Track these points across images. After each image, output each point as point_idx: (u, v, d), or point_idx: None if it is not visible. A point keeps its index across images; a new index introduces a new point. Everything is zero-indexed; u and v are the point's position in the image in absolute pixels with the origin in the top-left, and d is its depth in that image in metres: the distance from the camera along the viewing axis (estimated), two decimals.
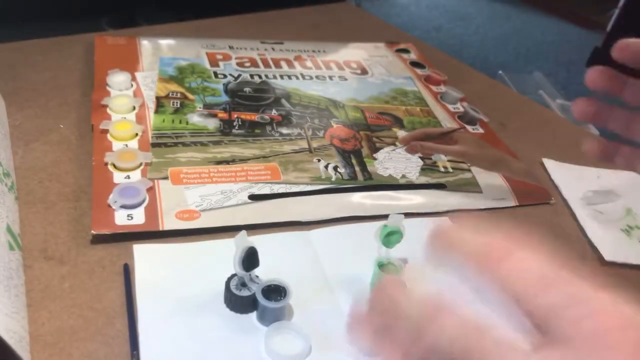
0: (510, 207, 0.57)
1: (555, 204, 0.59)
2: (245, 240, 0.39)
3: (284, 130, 0.63)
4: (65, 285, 0.42)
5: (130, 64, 0.70)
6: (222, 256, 0.42)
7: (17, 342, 0.35)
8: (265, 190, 0.53)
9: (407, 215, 0.47)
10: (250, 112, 0.65)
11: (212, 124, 0.62)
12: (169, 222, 0.48)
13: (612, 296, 0.20)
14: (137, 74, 0.69)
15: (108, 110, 0.61)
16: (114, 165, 0.53)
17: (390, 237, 0.45)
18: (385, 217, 0.45)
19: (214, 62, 0.74)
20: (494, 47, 2.79)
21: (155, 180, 0.52)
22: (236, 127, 0.62)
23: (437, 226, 0.25)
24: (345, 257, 0.48)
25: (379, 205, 0.54)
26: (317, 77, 0.76)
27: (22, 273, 0.41)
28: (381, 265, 0.44)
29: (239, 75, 0.73)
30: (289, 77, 0.74)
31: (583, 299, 0.20)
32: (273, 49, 0.81)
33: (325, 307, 0.43)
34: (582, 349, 0.19)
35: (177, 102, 0.64)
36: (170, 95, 0.66)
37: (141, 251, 0.45)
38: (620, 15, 2.48)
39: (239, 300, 0.41)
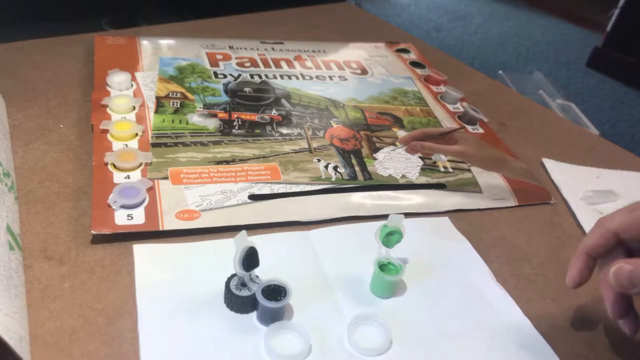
0: (510, 207, 0.57)
1: (555, 204, 0.59)
2: (245, 240, 0.39)
3: (284, 130, 0.63)
4: (65, 285, 0.42)
5: (130, 64, 0.71)
6: (222, 256, 0.42)
7: (17, 342, 0.35)
8: (265, 190, 0.53)
9: (407, 215, 0.47)
10: (250, 112, 0.65)
11: (212, 124, 0.62)
12: (169, 222, 0.48)
13: None
14: (137, 74, 0.69)
15: (108, 110, 0.61)
16: (114, 165, 0.53)
17: (390, 237, 0.45)
18: (385, 217, 0.45)
19: (214, 62, 0.74)
20: (494, 47, 2.79)
21: (155, 180, 0.52)
22: (236, 127, 0.62)
23: None
24: (345, 257, 0.48)
25: (379, 205, 0.54)
26: (317, 77, 0.76)
27: (22, 273, 0.41)
28: (381, 265, 0.44)
29: (239, 75, 0.73)
30: (289, 77, 0.74)
31: None
32: (273, 49, 0.81)
33: (325, 307, 0.43)
34: None
35: (177, 102, 0.64)
36: (170, 95, 0.66)
37: (141, 251, 0.45)
38: (620, 15, 2.49)
39: (239, 300, 0.41)
